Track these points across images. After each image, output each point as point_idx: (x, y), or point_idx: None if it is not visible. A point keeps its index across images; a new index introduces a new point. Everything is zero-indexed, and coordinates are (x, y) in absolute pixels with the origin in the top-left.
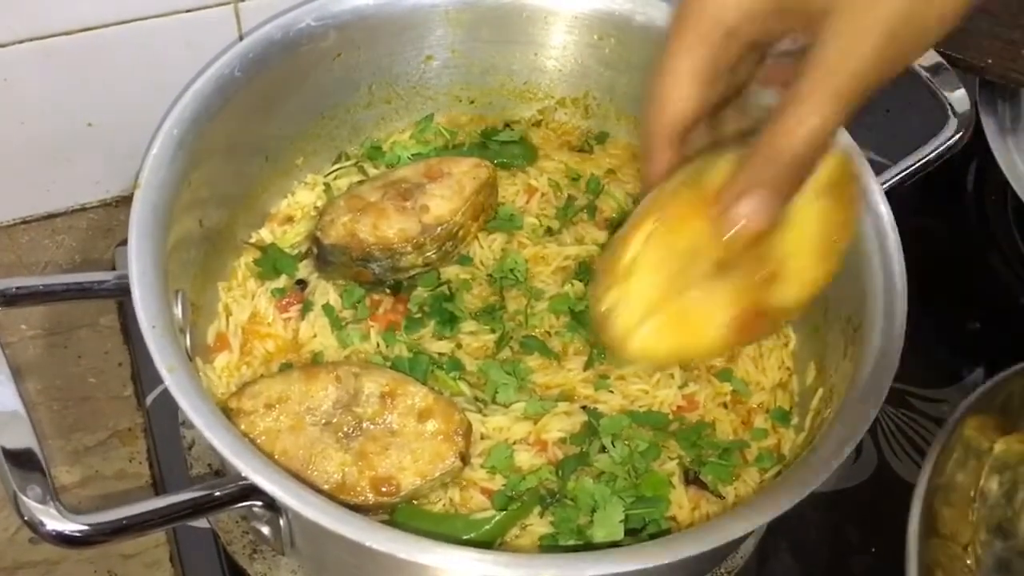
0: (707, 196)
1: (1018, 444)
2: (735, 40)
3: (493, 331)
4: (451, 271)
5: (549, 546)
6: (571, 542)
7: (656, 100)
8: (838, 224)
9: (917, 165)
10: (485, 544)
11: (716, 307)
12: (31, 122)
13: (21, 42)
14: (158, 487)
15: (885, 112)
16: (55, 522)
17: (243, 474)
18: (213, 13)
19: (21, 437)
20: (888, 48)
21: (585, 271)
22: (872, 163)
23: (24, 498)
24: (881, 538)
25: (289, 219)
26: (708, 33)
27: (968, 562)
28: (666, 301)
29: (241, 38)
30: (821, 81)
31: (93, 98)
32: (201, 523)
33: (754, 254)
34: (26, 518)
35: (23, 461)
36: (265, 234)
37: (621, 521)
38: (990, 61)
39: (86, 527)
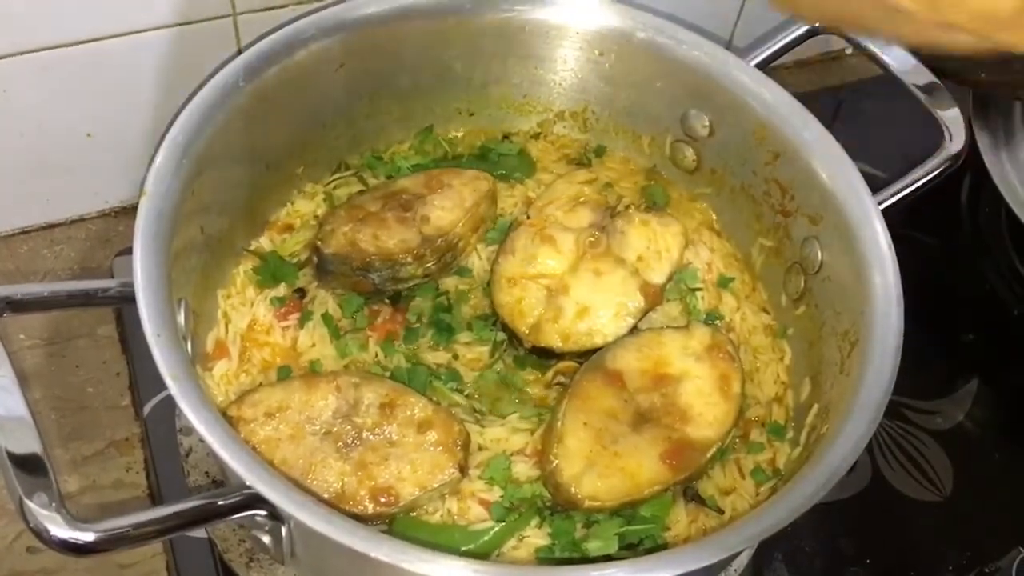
0: (609, 374)
1: None
2: None
3: (488, 342)
4: (449, 282)
5: (545, 558)
6: (567, 555)
7: None
8: (723, 376)
9: (913, 186)
10: (483, 555)
11: (644, 447)
12: (30, 133)
13: (20, 54)
14: (155, 497)
15: (878, 124)
16: (60, 529)
17: (248, 484)
18: (212, 26)
19: (27, 442)
20: None
21: None
22: (865, 175)
23: (30, 504)
24: (876, 549)
25: (288, 228)
26: None
27: None
28: (600, 452)
29: (240, 51)
30: None
31: (92, 110)
32: (198, 532)
33: (662, 407)
34: (31, 525)
35: (29, 467)
36: (264, 242)
37: (616, 534)
38: (983, 75)
39: (91, 535)
